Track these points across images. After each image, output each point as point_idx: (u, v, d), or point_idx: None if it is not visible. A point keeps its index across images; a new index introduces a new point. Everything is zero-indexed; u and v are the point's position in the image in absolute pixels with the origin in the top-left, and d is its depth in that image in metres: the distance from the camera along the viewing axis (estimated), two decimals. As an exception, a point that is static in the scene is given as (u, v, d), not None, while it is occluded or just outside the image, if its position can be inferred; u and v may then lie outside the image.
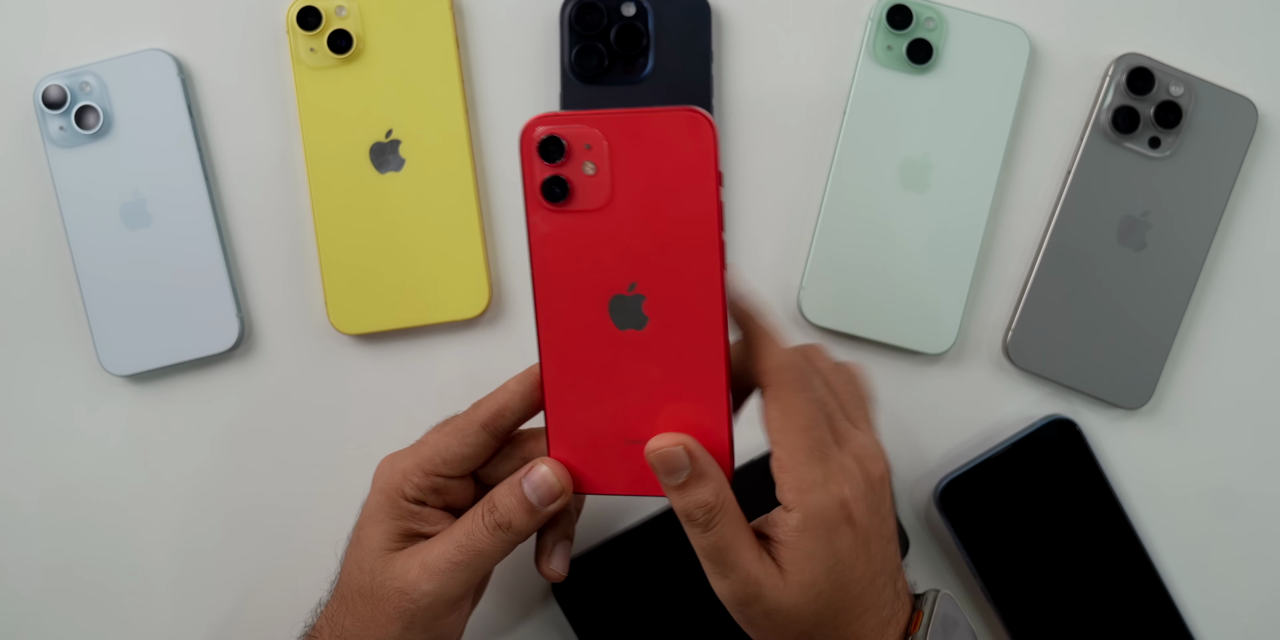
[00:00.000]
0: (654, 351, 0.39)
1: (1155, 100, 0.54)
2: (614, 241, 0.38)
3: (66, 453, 0.57)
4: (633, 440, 0.40)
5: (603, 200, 0.38)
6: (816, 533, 0.38)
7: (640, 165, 0.38)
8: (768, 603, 0.38)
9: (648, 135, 0.38)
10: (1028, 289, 0.54)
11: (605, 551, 0.54)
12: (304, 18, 0.54)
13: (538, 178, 0.39)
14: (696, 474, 0.38)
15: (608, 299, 0.39)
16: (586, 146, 0.38)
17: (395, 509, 0.43)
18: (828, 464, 0.39)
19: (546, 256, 0.39)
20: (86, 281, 0.55)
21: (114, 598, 0.57)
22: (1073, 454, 0.54)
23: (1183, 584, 0.55)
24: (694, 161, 0.37)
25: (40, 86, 0.54)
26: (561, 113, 0.39)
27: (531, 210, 0.39)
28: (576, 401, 0.40)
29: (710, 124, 0.37)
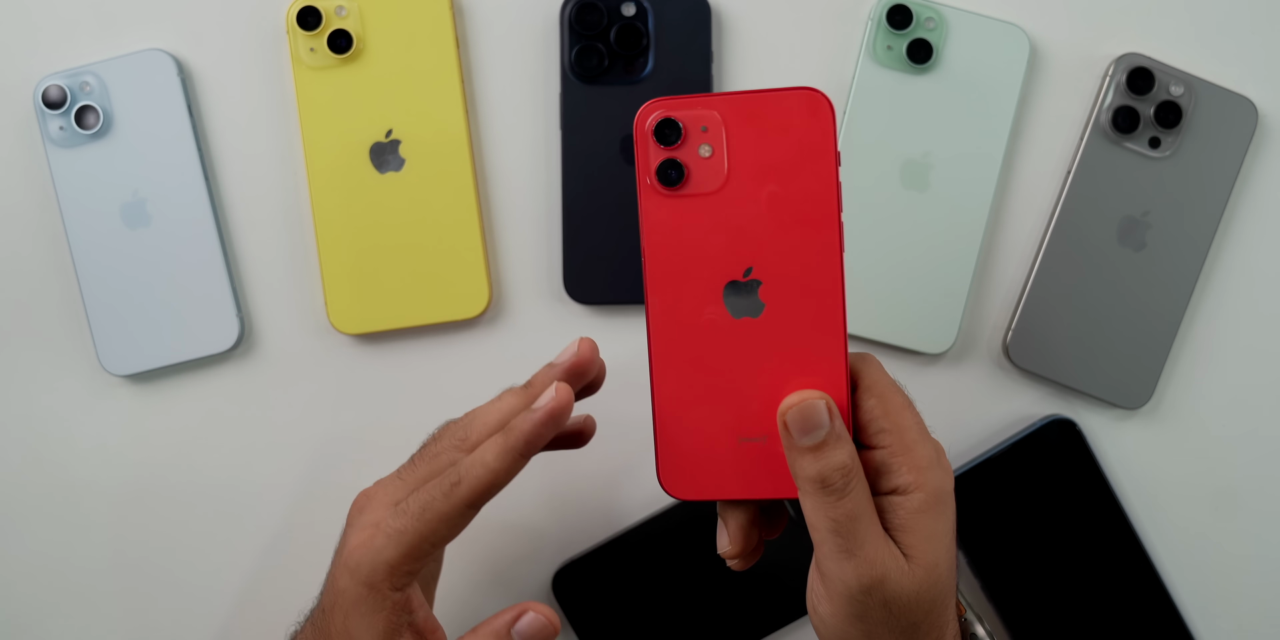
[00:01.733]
0: (770, 339, 0.38)
1: (1155, 100, 0.54)
2: (730, 225, 0.38)
3: (66, 453, 0.57)
4: (747, 438, 0.39)
5: (719, 182, 0.38)
6: (936, 511, 0.37)
7: (758, 146, 0.37)
8: (891, 590, 0.36)
9: (766, 115, 0.37)
10: (1028, 289, 0.54)
11: (605, 551, 0.54)
12: (304, 18, 0.54)
13: (653, 161, 0.38)
14: (835, 434, 0.37)
15: (723, 285, 0.38)
16: (703, 129, 0.37)
17: (380, 602, 0.39)
18: (932, 439, 0.39)
19: (660, 243, 0.38)
20: (86, 281, 0.55)
21: (114, 598, 0.57)
22: (1073, 454, 0.54)
23: (1182, 584, 0.55)
24: (813, 141, 0.37)
25: (40, 86, 0.54)
26: (677, 97, 0.38)
27: (645, 196, 0.38)
28: (688, 399, 0.39)
29: (829, 103, 0.37)
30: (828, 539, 0.37)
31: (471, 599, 0.56)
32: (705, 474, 0.39)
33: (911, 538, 0.37)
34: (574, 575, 0.54)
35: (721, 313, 0.38)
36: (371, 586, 0.39)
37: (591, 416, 0.46)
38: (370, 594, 0.39)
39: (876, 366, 0.39)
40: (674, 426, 0.39)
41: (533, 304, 0.56)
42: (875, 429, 0.38)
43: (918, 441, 0.38)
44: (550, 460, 0.56)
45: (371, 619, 0.39)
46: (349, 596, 0.40)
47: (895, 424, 0.38)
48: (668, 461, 0.39)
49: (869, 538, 0.36)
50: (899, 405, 0.38)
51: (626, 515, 0.55)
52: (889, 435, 0.38)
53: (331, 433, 0.56)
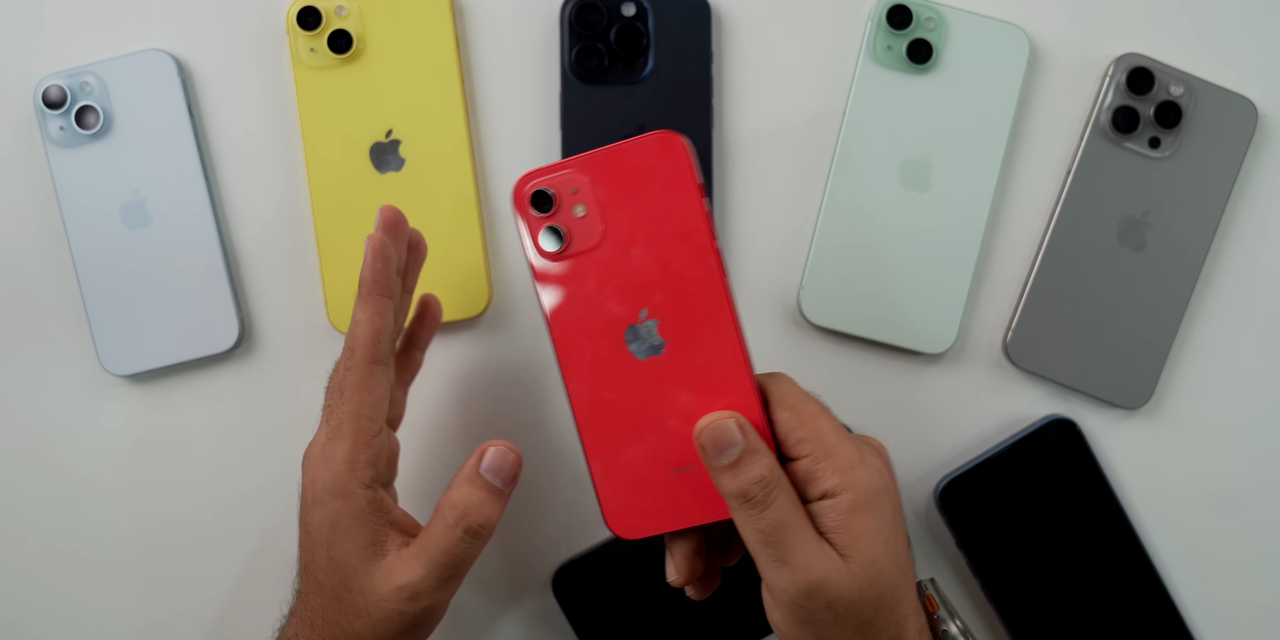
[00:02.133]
0: (679, 372, 0.40)
1: (1155, 100, 0.54)
2: (617, 274, 0.39)
3: (66, 453, 0.57)
4: (678, 469, 0.40)
5: (597, 237, 0.39)
6: (868, 508, 0.38)
7: (626, 195, 0.39)
8: (831, 592, 0.37)
9: (627, 165, 0.39)
10: (1028, 289, 0.54)
11: (605, 551, 0.54)
12: (304, 18, 0.54)
13: (535, 230, 0.40)
14: (750, 449, 0.38)
15: (623, 331, 0.40)
16: (573, 191, 0.39)
17: (354, 509, 0.41)
18: (853, 440, 0.39)
19: (558, 304, 0.40)
20: (86, 281, 0.55)
21: (114, 597, 0.57)
22: (1073, 454, 0.54)
23: (1182, 584, 0.55)
24: (674, 178, 0.39)
25: (40, 86, 0.54)
26: (542, 167, 0.40)
27: (534, 266, 0.40)
28: (616, 443, 0.40)
29: (681, 140, 0.38)
30: (760, 550, 0.38)
31: (471, 599, 0.56)
32: (648, 510, 0.41)
33: (846, 538, 0.38)
34: (574, 575, 0.54)
35: (627, 357, 0.40)
36: (341, 493, 0.41)
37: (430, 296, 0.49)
38: (343, 504, 0.41)
39: (787, 381, 0.40)
40: (609, 471, 0.41)
41: (533, 304, 0.56)
42: (794, 439, 0.39)
43: (837, 444, 0.38)
44: (551, 460, 0.56)
45: (354, 532, 0.41)
46: (324, 525, 0.41)
47: (812, 432, 0.39)
48: (610, 506, 0.41)
49: (799, 544, 0.37)
50: (813, 413, 0.39)
51: (626, 515, 0.55)
52: (808, 443, 0.38)
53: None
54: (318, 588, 0.43)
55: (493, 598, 0.56)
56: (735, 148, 0.55)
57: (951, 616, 0.42)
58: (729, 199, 0.55)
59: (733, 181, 0.55)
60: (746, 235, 0.55)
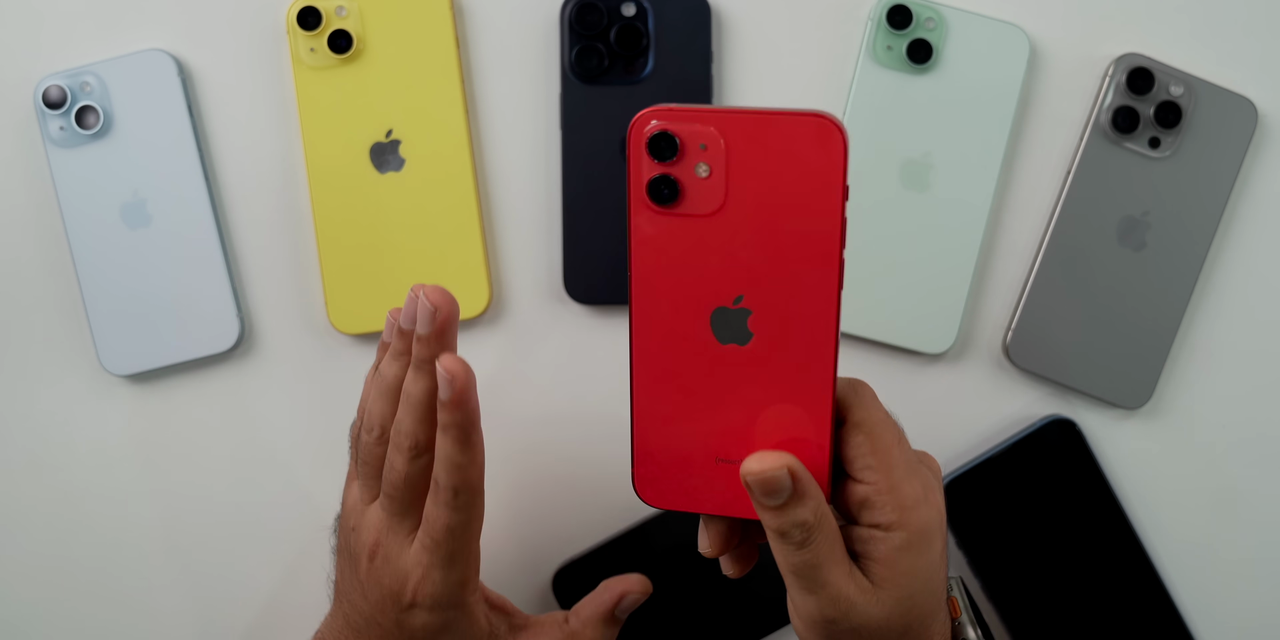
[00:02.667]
0: (756, 369, 0.36)
1: (1155, 100, 0.54)
2: (723, 250, 0.36)
3: (66, 453, 0.57)
4: (724, 459, 0.38)
5: (715, 205, 0.35)
6: (919, 548, 0.37)
7: (760, 171, 0.35)
8: (857, 619, 0.37)
9: (772, 139, 0.34)
10: (1028, 289, 0.54)
11: (605, 551, 0.54)
12: (304, 18, 0.54)
13: (645, 176, 0.35)
14: (797, 494, 0.36)
15: (710, 310, 0.36)
16: (702, 146, 0.35)
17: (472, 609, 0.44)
18: (920, 476, 0.38)
19: (648, 260, 0.36)
20: (86, 281, 0.55)
21: (113, 598, 0.57)
22: (1073, 454, 0.54)
23: (1182, 584, 0.55)
24: (820, 172, 0.34)
25: (40, 86, 0.54)
26: (677, 107, 0.35)
27: (635, 210, 0.36)
28: (666, 415, 0.38)
29: (842, 132, 0.34)
30: (790, 578, 0.37)
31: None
32: (679, 486, 0.39)
33: (888, 572, 0.37)
34: (574, 575, 0.54)
35: (707, 336, 0.37)
36: (457, 605, 0.43)
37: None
38: (459, 613, 0.43)
39: (869, 399, 0.38)
40: (651, 439, 0.38)
41: (533, 304, 0.56)
42: (862, 465, 0.37)
43: (904, 480, 0.37)
44: (550, 460, 0.56)
45: (468, 630, 0.43)
46: (432, 626, 0.43)
47: (882, 462, 0.37)
48: (643, 470, 0.39)
49: (830, 579, 0.37)
50: (888, 443, 0.37)
51: (626, 515, 0.55)
52: (875, 473, 0.37)
53: (331, 432, 0.56)
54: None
55: (493, 598, 0.56)
56: (735, 148, 0.55)
57: (972, 623, 0.42)
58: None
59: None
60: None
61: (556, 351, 0.56)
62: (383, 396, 0.43)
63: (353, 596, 0.44)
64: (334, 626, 0.45)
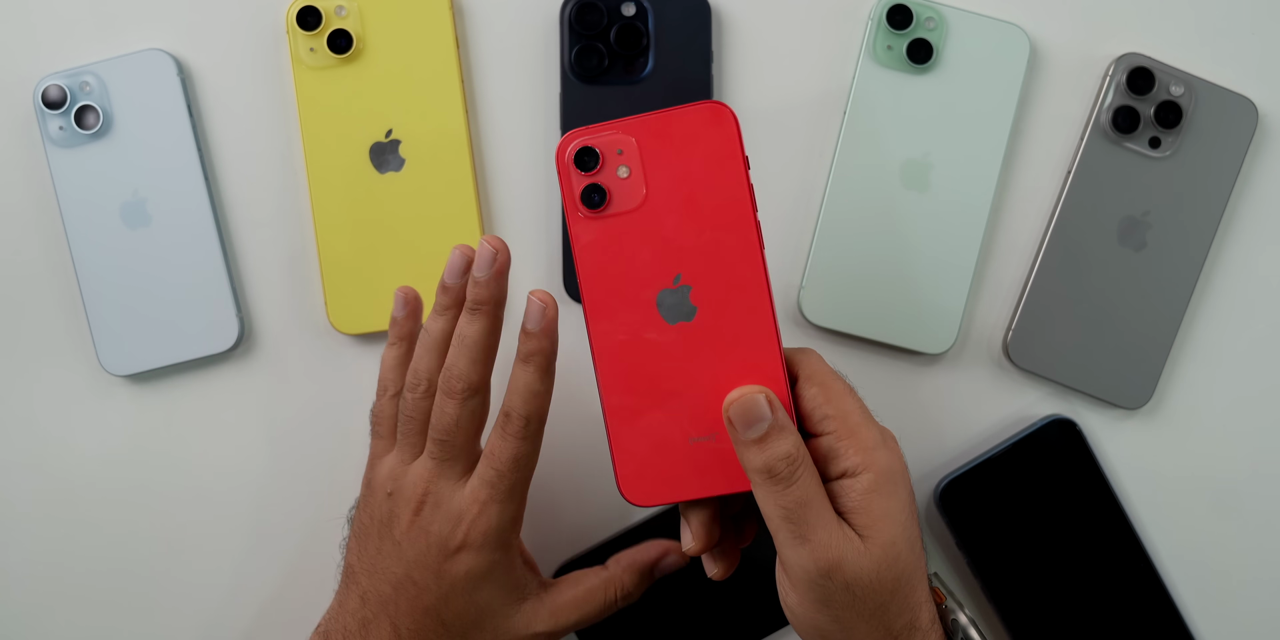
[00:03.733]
0: (707, 340, 0.40)
1: (1155, 100, 0.54)
2: (655, 238, 0.40)
3: (66, 453, 0.57)
4: (697, 438, 0.40)
5: (639, 200, 0.40)
6: (887, 489, 0.38)
7: (671, 161, 0.39)
8: (849, 572, 0.37)
9: (675, 132, 0.39)
10: (1028, 289, 0.54)
11: (604, 552, 0.54)
12: (304, 18, 0.54)
13: (576, 188, 0.40)
14: (777, 425, 0.38)
15: (655, 295, 0.40)
16: (619, 151, 0.40)
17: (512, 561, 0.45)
18: (877, 423, 0.40)
19: (592, 262, 0.40)
20: (86, 281, 0.55)
21: (113, 598, 0.57)
22: (1073, 454, 0.54)
23: (1182, 584, 0.55)
24: (720, 149, 0.39)
25: (40, 86, 0.54)
26: (590, 125, 0.40)
27: (573, 221, 0.40)
28: (636, 407, 0.40)
29: (731, 112, 0.39)
30: (781, 527, 0.38)
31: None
32: (662, 478, 0.41)
33: (865, 518, 0.38)
34: (574, 575, 0.54)
35: (657, 320, 0.40)
36: (504, 546, 0.44)
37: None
38: (502, 555, 0.44)
39: (815, 357, 0.41)
40: (626, 435, 0.41)
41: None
42: (819, 416, 0.39)
43: (861, 425, 0.39)
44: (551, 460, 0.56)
45: (505, 579, 0.44)
46: (475, 571, 0.43)
47: (838, 409, 0.39)
48: (625, 471, 0.41)
49: (820, 523, 0.37)
50: (840, 391, 0.40)
51: (626, 515, 0.55)
52: (833, 421, 0.39)
53: (331, 433, 0.56)
54: (441, 627, 0.44)
55: (493, 598, 0.56)
56: (735, 148, 0.55)
57: (960, 607, 0.42)
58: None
59: (733, 181, 0.55)
60: (746, 235, 0.55)
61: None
62: (430, 351, 0.45)
63: (380, 565, 0.44)
64: (346, 609, 0.45)
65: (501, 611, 0.44)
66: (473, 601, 0.44)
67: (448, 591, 0.43)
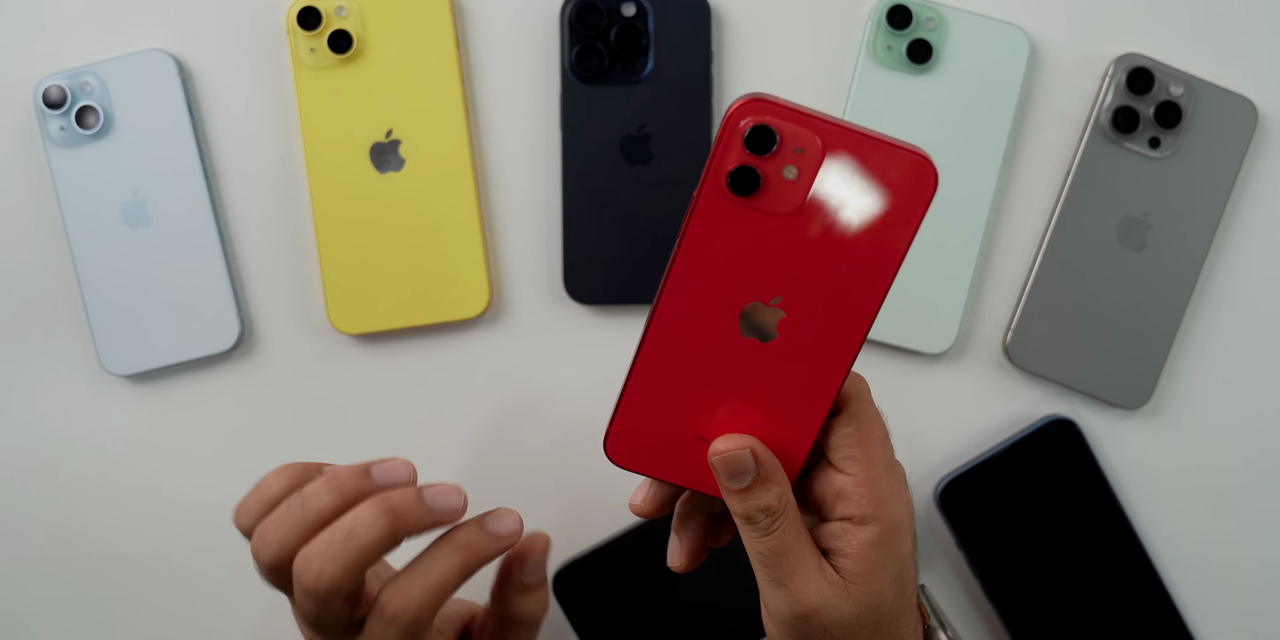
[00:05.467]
0: (768, 366, 0.37)
1: (1155, 100, 0.54)
2: (779, 251, 0.36)
3: (66, 453, 0.57)
4: (703, 438, 0.38)
5: (790, 208, 0.35)
6: (890, 544, 0.37)
7: (845, 188, 0.35)
8: (828, 616, 0.37)
9: (870, 162, 0.35)
10: (1028, 289, 0.54)
11: (605, 551, 0.54)
12: (304, 18, 0.54)
13: (730, 163, 0.35)
14: (761, 478, 0.37)
15: (745, 303, 0.37)
16: (798, 150, 0.35)
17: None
18: (896, 474, 0.39)
19: (701, 241, 0.36)
20: (86, 281, 0.55)
21: (112, 598, 0.57)
22: (1073, 454, 0.54)
23: (1182, 584, 0.55)
24: (903, 206, 0.35)
25: (40, 86, 0.54)
26: (786, 104, 0.34)
27: (707, 189, 0.35)
28: (666, 385, 0.38)
29: (935, 175, 0.35)
30: (758, 569, 0.38)
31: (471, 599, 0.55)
32: (652, 452, 0.39)
33: (858, 567, 0.37)
34: (574, 575, 0.54)
35: (732, 325, 0.37)
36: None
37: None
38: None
39: (867, 394, 0.39)
40: (640, 403, 0.39)
41: (533, 304, 0.56)
42: (845, 455, 0.38)
43: (883, 476, 0.38)
44: (550, 461, 0.56)
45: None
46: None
47: (866, 454, 0.38)
48: (620, 427, 0.39)
49: (798, 570, 0.37)
50: (875, 438, 0.38)
51: (626, 515, 0.55)
52: (857, 464, 0.38)
53: (331, 432, 0.56)
54: None
55: (493, 598, 0.56)
56: (735, 148, 0.55)
57: (943, 626, 0.42)
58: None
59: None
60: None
61: (556, 352, 0.56)
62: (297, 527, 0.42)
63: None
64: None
65: None
66: None
67: None
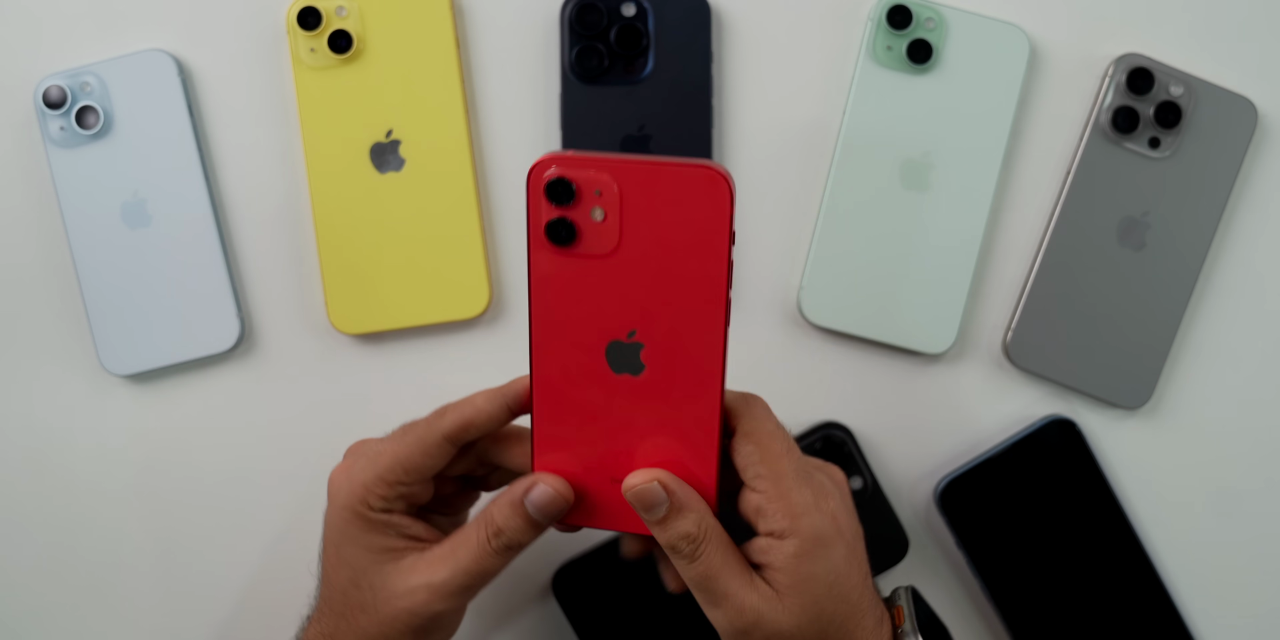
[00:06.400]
0: (648, 398, 0.39)
1: (1155, 100, 0.54)
2: (617, 289, 0.38)
3: (66, 453, 0.57)
4: (618, 479, 0.40)
5: (609, 247, 0.38)
6: (814, 554, 0.38)
7: (651, 216, 0.37)
8: (767, 628, 0.38)
9: (662, 188, 0.37)
10: (1028, 289, 0.54)
11: (605, 551, 0.54)
12: (304, 18, 0.54)
13: (543, 218, 0.38)
14: (675, 507, 0.39)
15: (606, 343, 0.39)
16: (596, 192, 0.37)
17: (365, 523, 0.42)
18: (812, 483, 0.40)
19: (547, 297, 0.39)
20: (86, 281, 0.55)
21: (113, 598, 0.57)
22: (1073, 454, 0.54)
23: (1182, 584, 0.55)
24: (708, 219, 0.37)
25: (40, 86, 0.54)
26: (572, 155, 0.37)
27: (534, 249, 0.38)
28: (566, 438, 0.40)
29: (728, 184, 0.37)
30: (695, 592, 0.39)
31: (471, 599, 0.56)
32: (580, 506, 0.41)
33: (787, 579, 0.38)
34: (573, 575, 0.54)
35: (602, 366, 0.39)
36: (350, 509, 0.42)
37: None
38: (353, 516, 0.42)
39: (760, 411, 0.40)
40: (550, 458, 0.41)
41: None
42: (753, 474, 0.39)
43: (793, 488, 0.39)
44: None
45: (364, 539, 0.42)
46: (335, 525, 0.43)
47: (772, 470, 0.39)
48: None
49: (730, 589, 0.38)
50: (777, 453, 0.39)
51: (626, 515, 0.55)
52: (764, 480, 0.39)
53: (331, 433, 0.56)
54: (327, 583, 0.43)
55: (493, 598, 0.56)
56: (735, 148, 0.55)
57: (915, 631, 0.42)
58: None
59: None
60: (747, 235, 0.55)
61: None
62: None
63: None
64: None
65: (372, 568, 0.42)
66: (341, 556, 0.43)
67: (326, 544, 0.44)
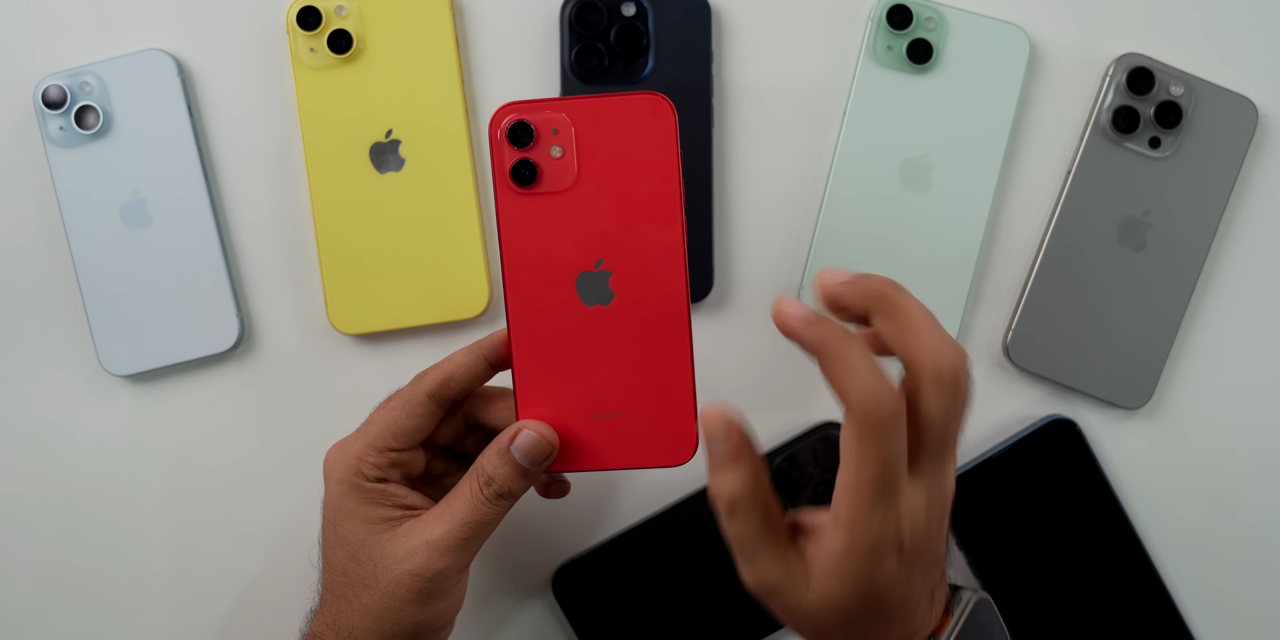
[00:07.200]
0: (621, 325, 0.41)
1: (1155, 100, 0.54)
2: (581, 221, 0.41)
3: (66, 453, 0.57)
4: (602, 414, 0.41)
5: (569, 182, 0.40)
6: (861, 559, 0.36)
7: (605, 147, 0.40)
8: (787, 600, 0.37)
9: (612, 119, 0.40)
10: (1028, 289, 0.54)
11: (605, 551, 0.54)
12: (304, 18, 0.54)
13: (507, 162, 0.40)
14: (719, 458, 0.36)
15: (575, 276, 0.41)
16: (554, 131, 0.40)
17: (361, 494, 0.43)
18: (892, 502, 0.36)
19: (515, 237, 0.41)
20: (86, 281, 0.55)
21: (113, 598, 0.57)
22: (1073, 454, 0.54)
23: (1182, 583, 0.55)
24: (656, 142, 0.40)
25: (40, 86, 0.54)
26: (529, 100, 0.41)
27: (501, 194, 0.41)
28: (546, 378, 0.42)
29: (670, 106, 0.40)
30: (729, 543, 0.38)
31: (471, 598, 0.55)
32: (564, 449, 0.42)
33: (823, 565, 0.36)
34: (573, 575, 0.54)
35: (574, 300, 0.41)
36: (345, 481, 0.43)
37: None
38: (349, 489, 0.43)
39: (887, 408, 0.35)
40: (534, 406, 0.42)
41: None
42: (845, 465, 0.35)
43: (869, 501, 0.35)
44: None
45: (361, 511, 0.43)
46: (332, 502, 0.44)
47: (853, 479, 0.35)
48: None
49: (758, 556, 0.37)
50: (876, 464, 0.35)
51: (626, 515, 0.55)
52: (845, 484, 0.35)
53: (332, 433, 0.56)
54: (328, 566, 0.44)
55: (493, 598, 0.56)
56: (735, 147, 0.55)
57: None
58: (729, 198, 0.55)
59: (732, 181, 0.55)
60: (746, 235, 0.55)
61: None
62: None
63: None
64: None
65: (370, 539, 0.43)
66: (339, 533, 0.43)
67: (325, 526, 0.44)
